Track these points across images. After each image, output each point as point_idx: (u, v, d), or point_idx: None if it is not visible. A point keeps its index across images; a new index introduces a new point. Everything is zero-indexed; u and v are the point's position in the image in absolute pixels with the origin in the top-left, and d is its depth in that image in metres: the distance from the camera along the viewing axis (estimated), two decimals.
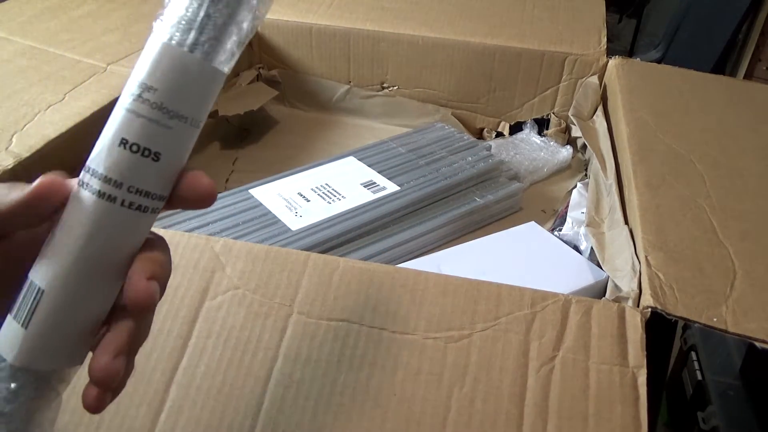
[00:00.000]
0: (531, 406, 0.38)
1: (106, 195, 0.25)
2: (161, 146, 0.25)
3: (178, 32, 0.25)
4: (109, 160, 0.25)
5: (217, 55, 0.26)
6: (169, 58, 0.25)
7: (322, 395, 0.38)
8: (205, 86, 0.26)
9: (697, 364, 0.77)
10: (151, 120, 0.25)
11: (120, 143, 0.25)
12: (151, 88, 0.25)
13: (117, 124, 0.25)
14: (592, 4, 0.88)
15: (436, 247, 0.63)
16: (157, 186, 0.26)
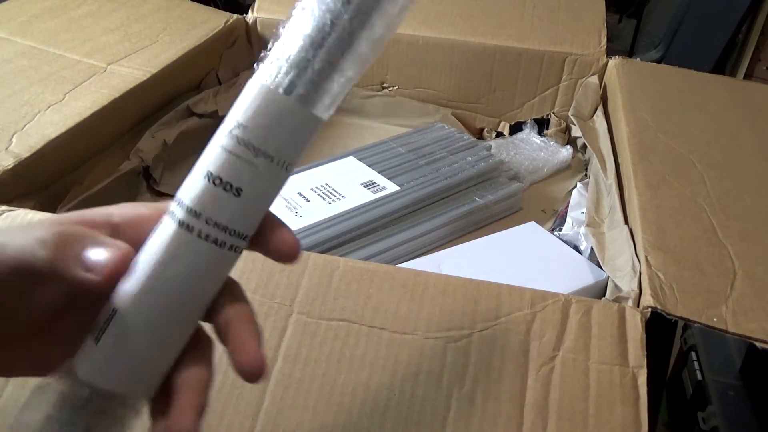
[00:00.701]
0: (531, 406, 0.38)
1: (185, 224, 0.26)
2: (243, 182, 0.25)
3: (275, 73, 0.26)
4: (193, 192, 0.26)
5: (315, 100, 0.26)
6: (262, 98, 0.26)
7: (322, 395, 0.38)
8: (297, 129, 0.26)
9: (697, 364, 0.77)
10: (237, 155, 0.25)
11: (205, 176, 0.26)
12: (241, 125, 0.26)
13: (207, 157, 0.26)
14: (592, 4, 0.88)
15: (436, 247, 0.63)
16: (235, 222, 0.26)
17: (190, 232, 0.25)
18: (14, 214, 0.47)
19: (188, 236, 0.25)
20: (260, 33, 0.85)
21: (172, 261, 0.26)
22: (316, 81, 0.25)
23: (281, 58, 0.26)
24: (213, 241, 0.25)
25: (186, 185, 0.26)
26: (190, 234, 0.25)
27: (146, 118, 0.71)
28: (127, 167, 0.66)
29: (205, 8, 0.85)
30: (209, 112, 0.75)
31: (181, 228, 0.26)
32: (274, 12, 0.84)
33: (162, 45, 0.74)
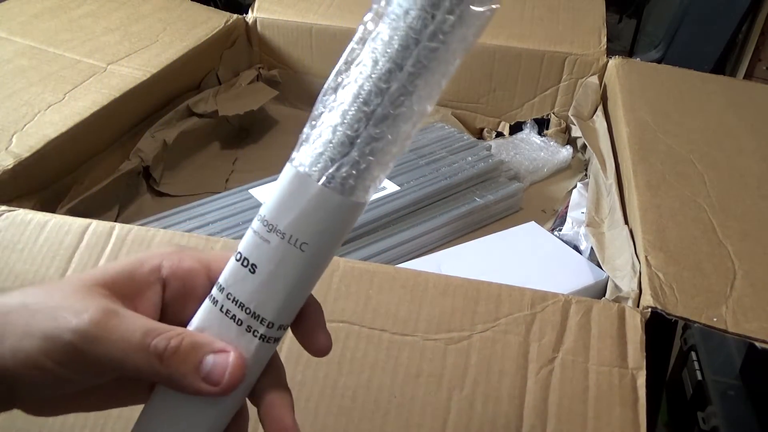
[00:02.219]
0: (530, 409, 0.38)
1: (212, 298, 0.26)
2: (257, 258, 0.25)
3: (297, 151, 0.25)
4: (226, 268, 0.26)
5: (337, 183, 0.25)
6: (283, 176, 0.25)
7: (323, 397, 0.38)
8: (310, 207, 0.25)
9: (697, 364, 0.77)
10: (255, 231, 0.25)
11: (235, 254, 0.26)
12: (265, 203, 0.26)
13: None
14: (592, 4, 0.88)
15: (436, 247, 0.63)
16: (250, 299, 0.25)
17: (214, 304, 0.26)
18: (14, 214, 0.47)
19: (212, 307, 0.26)
20: (260, 33, 0.85)
21: (203, 329, 0.26)
22: (342, 163, 0.25)
23: (306, 140, 0.25)
24: (231, 317, 0.26)
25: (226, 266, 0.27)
26: (214, 306, 0.26)
27: (146, 118, 0.71)
28: (127, 167, 0.66)
29: (205, 8, 0.85)
30: (209, 112, 0.75)
31: (209, 300, 0.26)
32: (274, 12, 0.84)
33: (162, 45, 0.74)
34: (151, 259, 0.28)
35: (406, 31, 0.24)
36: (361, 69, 0.25)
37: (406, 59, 0.24)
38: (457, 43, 0.25)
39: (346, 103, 0.25)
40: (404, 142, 0.25)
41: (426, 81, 0.24)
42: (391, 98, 0.24)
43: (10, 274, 0.44)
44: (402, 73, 0.24)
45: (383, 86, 0.24)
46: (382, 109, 0.24)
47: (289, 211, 0.25)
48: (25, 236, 0.46)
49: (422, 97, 0.25)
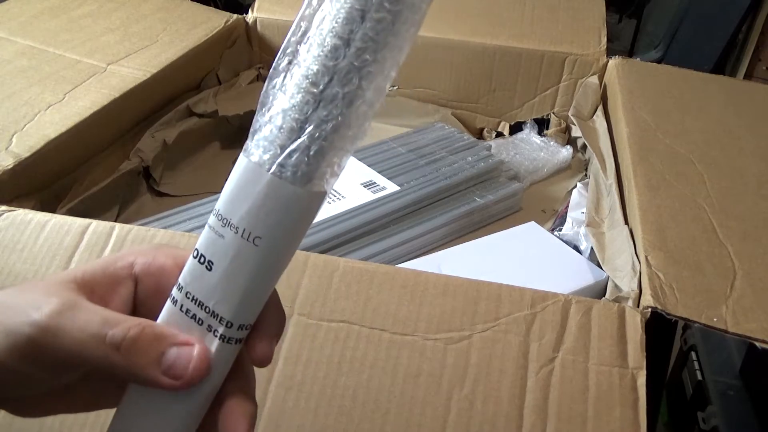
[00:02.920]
0: (530, 408, 0.38)
1: (172, 297, 0.26)
2: (212, 254, 0.24)
3: (250, 143, 0.24)
4: (185, 266, 0.25)
5: (288, 169, 0.23)
6: (236, 166, 0.24)
7: (323, 397, 0.38)
8: (263, 199, 0.23)
9: (697, 364, 0.77)
10: (210, 226, 0.25)
11: (192, 251, 0.25)
12: (219, 196, 0.25)
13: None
14: (592, 4, 0.88)
15: (436, 247, 0.63)
16: (209, 298, 0.24)
17: (174, 304, 0.25)
18: (14, 214, 0.47)
19: (172, 308, 0.25)
20: (260, 33, 0.85)
21: None
22: (289, 153, 0.23)
23: (258, 129, 0.24)
24: (192, 316, 0.25)
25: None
26: (174, 306, 0.25)
27: (146, 118, 0.71)
28: (127, 167, 0.66)
29: (205, 8, 0.85)
30: (209, 112, 0.75)
31: (169, 301, 0.26)
32: (274, 12, 0.84)
33: (162, 45, 0.74)
34: (125, 257, 0.27)
35: (350, 3, 0.23)
36: (308, 48, 0.24)
37: (354, 33, 0.23)
38: (408, 11, 0.23)
39: (293, 85, 0.24)
40: (362, 123, 0.24)
41: (377, 56, 0.23)
42: (339, 77, 0.23)
43: (10, 274, 0.44)
44: (350, 49, 0.23)
45: (330, 64, 0.23)
46: (330, 89, 0.23)
47: (242, 204, 0.24)
48: (25, 236, 0.46)
49: (374, 73, 0.23)
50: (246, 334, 0.26)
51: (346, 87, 0.23)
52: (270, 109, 0.24)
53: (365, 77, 0.23)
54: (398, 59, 0.24)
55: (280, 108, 0.24)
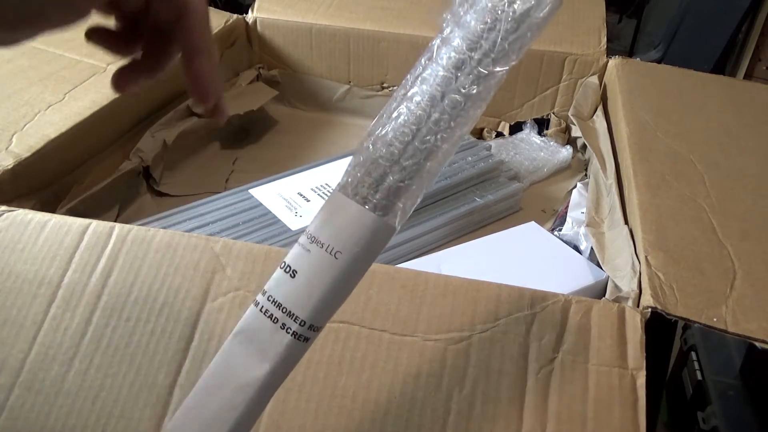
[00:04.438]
0: (530, 409, 0.38)
1: (255, 302, 0.30)
2: (298, 265, 0.29)
3: (344, 176, 0.31)
4: (272, 278, 0.30)
5: (376, 205, 0.30)
6: (331, 198, 0.30)
7: (323, 398, 0.38)
8: (347, 221, 0.29)
9: (697, 364, 0.77)
10: (299, 243, 0.30)
11: (281, 264, 0.30)
12: (311, 223, 0.30)
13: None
14: (592, 4, 0.88)
15: (436, 247, 0.63)
16: (288, 300, 0.29)
17: (256, 306, 0.30)
18: (14, 214, 0.47)
19: (254, 310, 0.30)
20: (260, 33, 0.85)
21: (241, 330, 0.30)
22: (376, 187, 0.30)
23: (353, 165, 0.31)
24: (269, 315, 0.29)
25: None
26: (255, 308, 0.30)
27: (146, 118, 0.71)
28: (127, 167, 0.66)
29: None
30: None
31: (253, 305, 0.30)
32: (274, 12, 0.84)
33: None
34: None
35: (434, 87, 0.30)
36: (400, 113, 0.30)
37: (434, 107, 0.30)
38: (476, 99, 0.30)
39: (386, 140, 0.30)
40: (432, 176, 0.30)
41: (450, 124, 0.30)
42: (420, 137, 0.30)
43: (11, 274, 0.44)
44: (430, 119, 0.30)
45: (414, 128, 0.30)
46: (412, 146, 0.30)
47: (330, 226, 0.29)
48: (25, 236, 0.46)
49: (446, 138, 0.30)
50: (315, 336, 0.30)
51: (424, 145, 0.30)
52: (364, 156, 0.31)
53: (439, 140, 0.30)
54: (466, 130, 0.31)
55: (371, 157, 0.30)
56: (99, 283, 0.44)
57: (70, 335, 0.41)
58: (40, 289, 0.43)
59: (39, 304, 0.43)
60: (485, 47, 0.30)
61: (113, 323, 0.42)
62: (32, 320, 0.42)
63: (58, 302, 0.43)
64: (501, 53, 0.30)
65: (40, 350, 0.41)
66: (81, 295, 0.43)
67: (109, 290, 0.43)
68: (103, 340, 0.41)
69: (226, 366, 0.29)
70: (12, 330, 0.41)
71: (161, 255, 0.45)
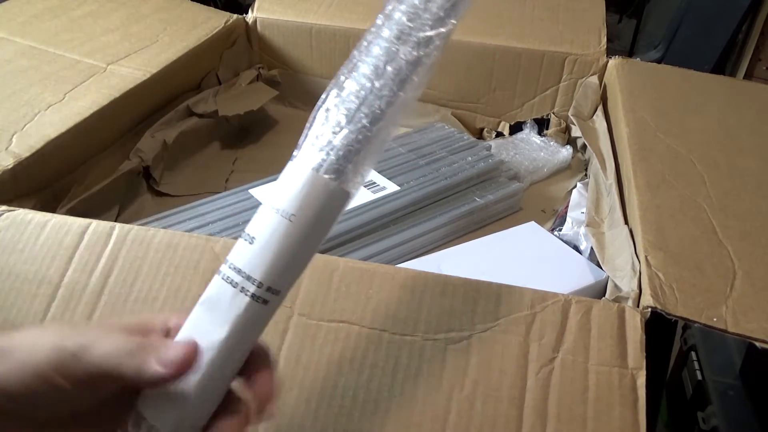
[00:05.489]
0: (530, 409, 0.38)
1: (219, 271, 0.31)
2: (256, 232, 0.30)
3: (300, 144, 0.31)
4: (234, 246, 0.31)
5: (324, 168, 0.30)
6: (286, 168, 0.31)
7: (323, 397, 0.38)
8: (301, 186, 0.30)
9: (697, 364, 0.77)
10: (258, 212, 0.31)
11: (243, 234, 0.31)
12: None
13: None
14: (592, 4, 0.88)
15: (436, 247, 0.63)
16: (245, 264, 0.30)
17: (218, 275, 0.30)
18: (14, 214, 0.47)
19: (217, 278, 0.30)
20: (260, 33, 0.85)
21: (205, 300, 0.30)
22: (330, 151, 0.30)
23: (306, 134, 0.31)
24: (229, 282, 0.30)
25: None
26: (218, 276, 0.30)
27: (146, 118, 0.71)
28: (127, 167, 0.66)
29: (205, 8, 0.85)
30: (209, 112, 0.75)
31: (216, 274, 0.31)
32: (274, 12, 0.84)
33: (162, 45, 0.74)
34: (160, 315, 0.32)
35: (378, 56, 0.32)
36: (347, 82, 0.31)
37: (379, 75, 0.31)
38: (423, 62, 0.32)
39: (333, 108, 0.31)
40: (380, 143, 0.31)
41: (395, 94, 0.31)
42: (367, 104, 0.31)
43: (10, 274, 0.44)
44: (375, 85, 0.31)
45: (361, 94, 0.31)
46: (358, 112, 0.31)
47: (285, 192, 0.30)
48: (25, 236, 0.46)
49: (392, 103, 0.31)
50: (274, 299, 0.30)
51: (370, 110, 0.31)
52: (315, 123, 0.31)
53: (384, 105, 0.31)
54: (411, 95, 0.31)
55: (323, 121, 0.31)
56: (99, 282, 0.44)
57: None
58: (39, 289, 0.43)
59: (39, 303, 0.43)
60: (424, 16, 0.31)
61: None
62: (32, 320, 0.42)
63: (57, 302, 0.43)
64: (437, 18, 0.31)
65: None
66: (81, 294, 0.43)
67: (109, 290, 0.43)
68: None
69: (190, 334, 0.30)
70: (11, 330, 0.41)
71: (161, 255, 0.45)
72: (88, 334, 0.28)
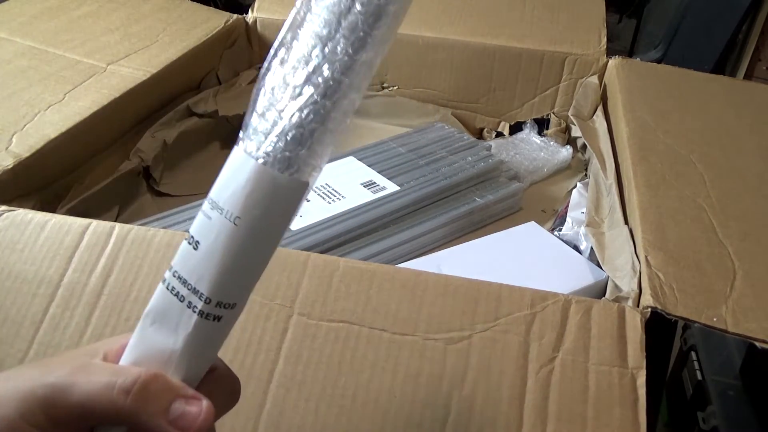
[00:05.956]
0: (530, 409, 0.38)
1: (164, 279, 0.27)
2: (200, 235, 0.26)
3: (242, 135, 0.26)
4: (178, 251, 0.27)
5: (271, 157, 0.25)
6: (230, 155, 0.26)
7: (323, 397, 0.38)
8: (243, 182, 0.25)
9: (697, 364, 0.77)
10: (202, 211, 0.26)
11: (187, 236, 0.27)
12: (213, 185, 0.27)
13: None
14: (592, 4, 0.88)
15: (436, 247, 0.63)
16: (191, 275, 0.26)
17: (162, 283, 0.27)
18: (14, 214, 0.47)
19: (162, 288, 0.27)
20: (260, 33, 0.85)
21: (149, 312, 0.27)
22: (275, 139, 0.25)
23: (248, 116, 0.26)
24: (175, 294, 0.26)
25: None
26: (162, 285, 0.27)
27: (146, 118, 0.71)
28: (127, 167, 0.66)
29: (205, 8, 0.85)
30: (209, 112, 0.75)
31: (161, 282, 0.27)
32: (274, 12, 0.84)
33: (162, 45, 0.74)
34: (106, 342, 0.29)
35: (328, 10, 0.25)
36: (292, 48, 0.26)
37: (330, 36, 0.25)
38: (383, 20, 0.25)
39: (277, 81, 0.26)
40: (341, 118, 0.26)
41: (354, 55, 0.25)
42: (316, 72, 0.25)
43: (10, 274, 0.44)
44: (327, 48, 0.25)
45: (310, 62, 0.25)
46: (307, 84, 0.25)
47: (228, 187, 0.26)
48: (25, 236, 0.46)
49: (352, 70, 0.25)
50: (227, 315, 0.26)
51: (319, 78, 0.25)
52: (257, 103, 0.26)
53: (338, 70, 0.25)
54: (371, 55, 0.25)
55: (265, 101, 0.26)
56: (99, 282, 0.44)
57: (69, 334, 0.41)
58: (39, 289, 0.43)
59: (38, 303, 0.43)
60: None
61: (113, 322, 0.42)
62: (31, 319, 0.42)
63: (57, 301, 0.43)
64: None
65: (39, 349, 0.41)
66: (81, 294, 0.43)
67: (109, 290, 0.43)
68: (102, 340, 0.41)
69: (141, 353, 0.27)
70: (11, 329, 0.41)
71: (161, 255, 0.45)
72: (61, 370, 0.25)
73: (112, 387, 0.24)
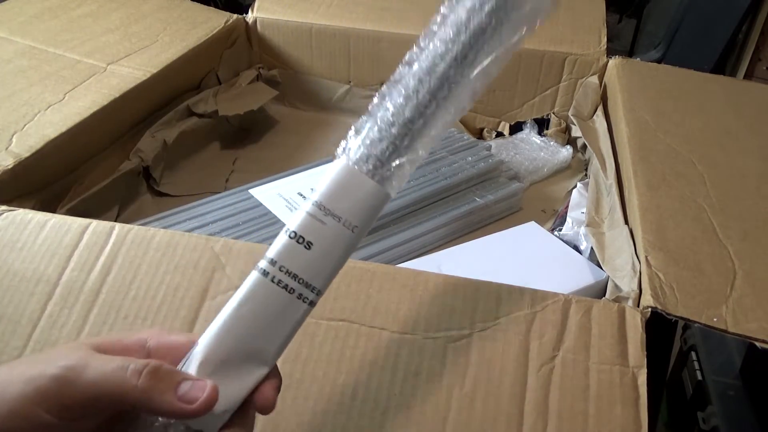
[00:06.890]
0: (531, 407, 0.38)
1: (263, 270, 0.30)
2: (313, 237, 0.30)
3: (354, 150, 0.32)
4: (276, 246, 0.30)
5: (383, 176, 0.31)
6: (338, 170, 0.31)
7: (323, 395, 0.38)
8: (363, 197, 0.31)
9: (697, 364, 0.77)
10: (311, 214, 0.30)
11: (285, 231, 0.30)
12: (318, 191, 0.31)
13: (291, 220, 0.31)
14: (592, 4, 0.88)
15: (436, 247, 0.63)
16: (304, 271, 0.30)
17: (265, 276, 0.30)
18: (14, 214, 0.47)
19: (263, 279, 0.30)
20: (260, 33, 0.85)
21: (246, 300, 0.30)
22: (385, 162, 0.31)
23: (361, 138, 0.32)
24: (284, 286, 0.30)
25: (273, 245, 0.31)
26: (265, 278, 0.30)
27: (146, 118, 0.71)
28: (127, 167, 0.66)
29: (205, 8, 0.85)
30: (209, 112, 0.75)
31: (260, 274, 0.30)
32: (274, 12, 0.84)
33: (162, 45, 0.74)
34: (138, 333, 0.31)
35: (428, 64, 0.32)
36: (398, 90, 0.32)
37: (424, 84, 0.32)
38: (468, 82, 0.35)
39: (387, 116, 0.32)
40: (429, 144, 0.32)
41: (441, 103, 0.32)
42: (417, 113, 0.32)
43: (8, 272, 0.44)
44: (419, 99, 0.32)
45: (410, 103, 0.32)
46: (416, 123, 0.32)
47: (345, 199, 0.30)
48: (25, 236, 0.46)
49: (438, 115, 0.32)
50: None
51: (421, 120, 0.32)
52: (366, 129, 0.32)
53: (431, 117, 0.32)
54: (459, 110, 0.33)
55: (376, 130, 0.32)
56: (97, 280, 0.44)
57: (67, 332, 0.41)
58: (37, 287, 0.43)
59: (36, 301, 0.43)
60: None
61: (111, 320, 0.42)
62: (29, 317, 0.42)
63: (55, 299, 0.43)
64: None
65: (36, 347, 0.41)
66: (79, 292, 0.43)
67: (108, 288, 0.43)
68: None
69: (233, 340, 0.29)
70: (8, 327, 0.41)
71: (161, 254, 0.45)
72: (71, 356, 0.27)
73: (125, 368, 0.27)
